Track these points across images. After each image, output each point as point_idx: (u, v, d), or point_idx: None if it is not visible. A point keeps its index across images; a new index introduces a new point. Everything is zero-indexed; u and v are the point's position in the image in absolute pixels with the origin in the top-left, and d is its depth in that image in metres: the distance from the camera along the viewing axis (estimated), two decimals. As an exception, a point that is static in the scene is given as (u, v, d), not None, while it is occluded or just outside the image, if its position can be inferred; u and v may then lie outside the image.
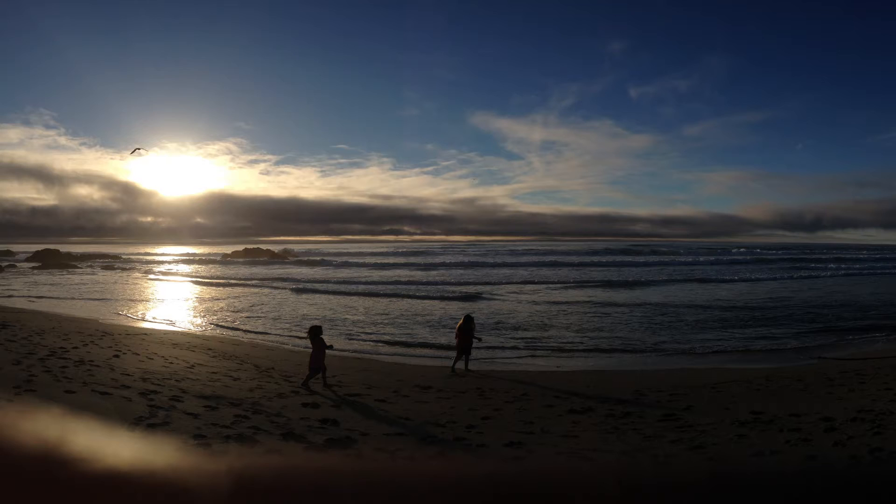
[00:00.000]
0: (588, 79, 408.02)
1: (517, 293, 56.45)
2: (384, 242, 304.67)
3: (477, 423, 14.34)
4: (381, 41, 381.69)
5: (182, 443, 1.83)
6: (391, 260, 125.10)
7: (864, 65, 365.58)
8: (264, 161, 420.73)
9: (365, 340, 29.74)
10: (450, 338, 26.20)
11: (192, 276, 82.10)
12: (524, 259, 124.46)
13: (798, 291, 56.29)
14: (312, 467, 1.69)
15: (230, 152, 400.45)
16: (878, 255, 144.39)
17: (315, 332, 19.12)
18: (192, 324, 35.30)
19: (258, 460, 1.72)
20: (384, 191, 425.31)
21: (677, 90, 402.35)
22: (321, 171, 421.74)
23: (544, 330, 32.88)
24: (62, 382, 14.49)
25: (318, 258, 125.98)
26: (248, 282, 70.52)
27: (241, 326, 34.39)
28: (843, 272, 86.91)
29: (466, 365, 22.10)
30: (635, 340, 29.66)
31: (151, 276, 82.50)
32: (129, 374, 16.45)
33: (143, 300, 50.50)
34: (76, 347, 20.58)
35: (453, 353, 22.82)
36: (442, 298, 51.75)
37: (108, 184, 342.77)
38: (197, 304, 47.63)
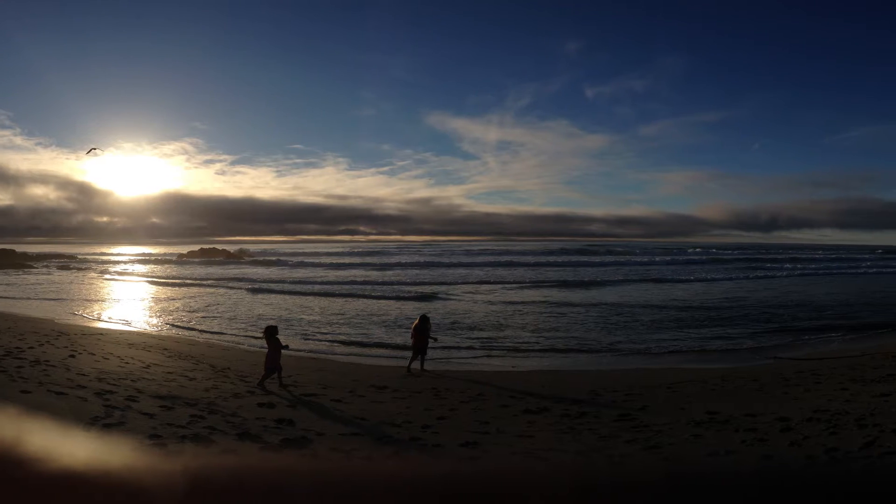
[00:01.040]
0: (544, 79, 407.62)
1: (473, 293, 56.66)
2: (340, 242, 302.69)
3: (432, 423, 14.40)
4: (337, 41, 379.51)
5: (138, 443, 1.83)
6: (347, 260, 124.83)
7: (821, 65, 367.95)
8: (220, 161, 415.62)
9: (321, 340, 29.85)
10: (405, 338, 26.13)
11: (147, 276, 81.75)
12: (480, 259, 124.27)
13: (754, 291, 56.83)
14: (268, 467, 1.68)
15: (186, 152, 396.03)
16: (833, 256, 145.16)
17: (271, 332, 19.16)
18: (148, 324, 35.28)
19: (214, 460, 1.71)
20: (340, 191, 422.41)
21: (633, 90, 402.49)
22: (277, 171, 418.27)
23: (500, 330, 33.04)
24: (18, 382, 14.40)
25: (274, 258, 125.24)
26: (204, 282, 70.37)
27: (197, 326, 34.41)
28: (798, 272, 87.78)
29: (422, 365, 22.18)
30: (591, 340, 29.83)
31: (107, 276, 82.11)
32: (84, 374, 16.36)
33: (98, 300, 50.39)
34: (32, 347, 20.43)
35: (409, 353, 22.91)
36: (397, 298, 51.88)
37: (64, 184, 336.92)
38: (152, 303, 47.54)
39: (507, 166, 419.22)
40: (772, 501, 1.62)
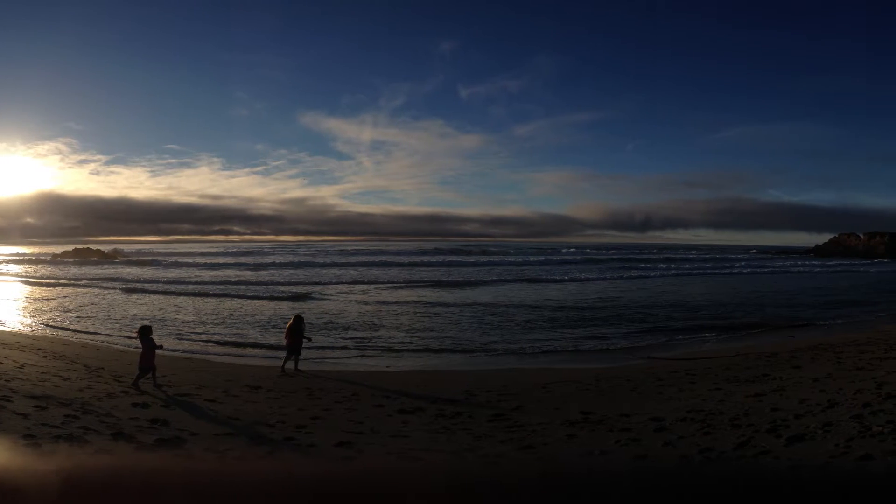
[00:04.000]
0: (418, 79, 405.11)
1: (347, 293, 56.76)
2: (214, 242, 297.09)
3: (307, 423, 14.46)
4: (209, 41, 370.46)
5: (11, 443, 1.84)
6: (221, 260, 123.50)
7: (694, 66, 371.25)
8: (94, 161, 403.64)
9: (195, 340, 29.81)
10: (280, 338, 25.98)
11: (21, 276, 79.71)
12: (354, 259, 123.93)
13: (628, 291, 57.81)
14: (142, 467, 1.71)
15: (60, 152, 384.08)
16: (707, 256, 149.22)
17: (145, 332, 19.06)
18: (22, 323, 34.90)
19: (88, 460, 1.73)
20: (214, 191, 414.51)
21: (507, 90, 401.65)
22: (151, 171, 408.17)
23: (374, 330, 33.24)
24: None
25: (148, 258, 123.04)
26: (78, 282, 69.04)
27: (71, 326, 34.04)
28: (672, 272, 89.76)
29: (296, 365, 22.23)
30: (465, 340, 30.08)
31: (-21, 277, 79.69)
32: (-44, 375, 15.95)
33: (-30, 300, 49.16)
34: None
35: (283, 353, 22.89)
36: (272, 298, 51.78)
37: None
38: (26, 303, 46.91)
39: (382, 166, 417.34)
40: (645, 501, 1.68)
